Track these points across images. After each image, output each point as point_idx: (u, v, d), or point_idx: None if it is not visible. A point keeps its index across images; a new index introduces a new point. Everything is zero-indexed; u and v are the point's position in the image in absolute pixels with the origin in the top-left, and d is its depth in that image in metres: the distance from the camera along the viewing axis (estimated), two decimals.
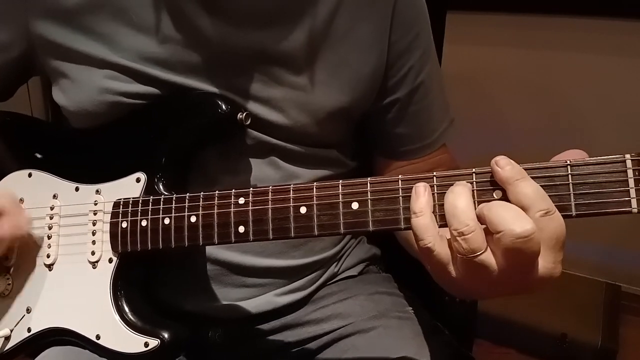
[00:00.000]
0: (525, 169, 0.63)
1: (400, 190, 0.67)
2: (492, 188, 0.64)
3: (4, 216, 0.83)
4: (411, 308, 1.01)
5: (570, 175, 0.62)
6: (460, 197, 0.61)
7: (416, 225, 0.63)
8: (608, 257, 2.17)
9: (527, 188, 0.60)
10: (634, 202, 0.60)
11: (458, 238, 0.60)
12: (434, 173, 0.66)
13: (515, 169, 0.61)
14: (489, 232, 0.60)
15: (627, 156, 0.60)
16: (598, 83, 2.04)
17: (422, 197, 0.63)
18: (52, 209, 0.90)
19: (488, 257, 0.59)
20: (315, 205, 0.71)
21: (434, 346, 0.91)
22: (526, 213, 0.59)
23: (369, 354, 0.90)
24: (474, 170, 0.65)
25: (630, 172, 0.60)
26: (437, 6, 1.02)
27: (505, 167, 0.61)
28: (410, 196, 0.66)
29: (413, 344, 0.91)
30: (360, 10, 0.90)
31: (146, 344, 0.81)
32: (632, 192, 0.60)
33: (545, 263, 0.60)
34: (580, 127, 2.08)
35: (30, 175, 0.93)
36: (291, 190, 0.72)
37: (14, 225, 0.84)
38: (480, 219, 0.60)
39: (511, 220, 0.57)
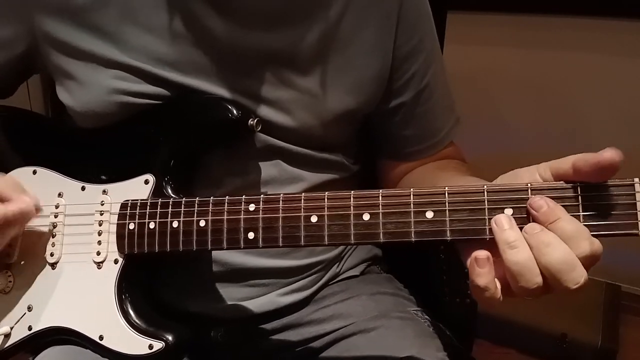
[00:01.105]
0: (536, 189, 0.65)
1: (412, 203, 0.68)
2: (503, 206, 0.66)
3: (7, 201, 0.81)
4: (412, 308, 1.01)
5: (580, 196, 0.64)
6: (520, 252, 0.63)
7: (483, 297, 0.65)
8: (608, 257, 2.15)
9: (566, 227, 0.62)
10: None
11: (524, 291, 0.63)
12: (446, 188, 0.68)
13: (550, 211, 0.63)
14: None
15: (636, 180, 0.62)
16: (598, 83, 2.04)
17: (485, 269, 0.64)
18: (57, 207, 0.90)
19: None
20: (326, 215, 0.72)
21: (435, 346, 0.91)
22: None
23: (370, 354, 0.90)
24: (485, 187, 0.67)
25: (638, 196, 0.62)
26: (437, 6, 1.03)
27: (540, 209, 0.63)
28: (422, 210, 0.68)
29: (414, 344, 0.90)
30: (366, 13, 0.91)
31: (150, 346, 0.81)
32: (639, 216, 0.62)
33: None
34: (580, 126, 2.08)
35: (34, 172, 0.93)
36: (302, 200, 0.73)
37: (21, 209, 0.81)
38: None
39: (565, 275, 0.61)
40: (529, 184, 0.66)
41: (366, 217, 0.70)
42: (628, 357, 2.02)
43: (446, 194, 0.67)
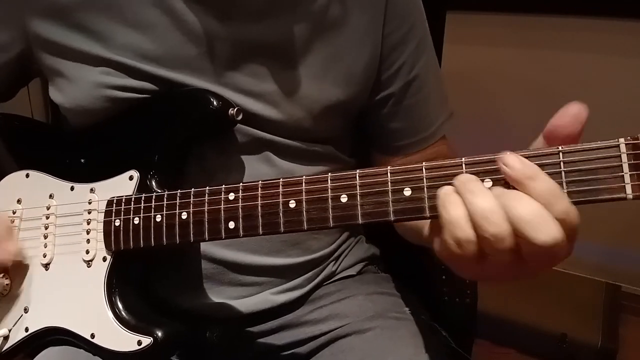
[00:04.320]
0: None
1: (389, 182, 0.66)
2: (482, 178, 0.62)
3: None
4: (409, 308, 1.00)
5: (562, 163, 0.60)
6: (482, 197, 0.58)
7: (455, 236, 0.59)
8: (608, 257, 2.15)
9: (542, 185, 0.57)
10: (628, 188, 0.58)
11: (492, 240, 0.57)
12: (423, 164, 0.65)
13: (527, 168, 0.58)
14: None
15: (621, 140, 0.58)
16: (598, 83, 2.03)
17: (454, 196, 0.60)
18: (48, 208, 0.90)
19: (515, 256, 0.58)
20: (304, 200, 0.71)
21: (431, 347, 0.90)
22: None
23: (366, 355, 0.89)
24: (463, 159, 0.64)
25: (624, 157, 0.58)
26: (437, 6, 1.02)
27: (514, 166, 0.59)
28: (399, 188, 0.65)
29: (410, 345, 0.90)
30: (354, 3, 0.90)
31: (139, 342, 0.81)
32: (627, 178, 0.58)
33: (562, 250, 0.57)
34: None
35: (27, 175, 0.94)
36: (280, 185, 0.72)
37: (3, 252, 0.87)
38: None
39: (538, 227, 0.55)
40: (507, 152, 0.61)
41: (344, 198, 0.68)
42: (628, 357, 2.00)
43: (423, 170, 0.65)
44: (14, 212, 0.93)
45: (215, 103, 0.84)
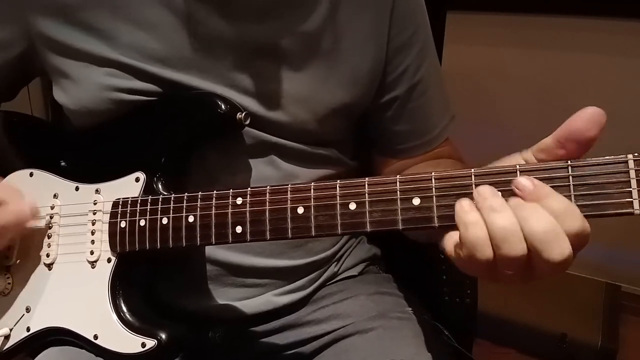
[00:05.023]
0: (525, 170, 0.62)
1: (398, 190, 0.67)
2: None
3: (4, 205, 0.82)
4: (411, 308, 1.00)
5: (570, 176, 0.61)
6: (503, 215, 0.59)
7: (474, 241, 0.60)
8: (608, 257, 2.15)
9: (555, 204, 0.59)
10: (635, 204, 0.59)
11: (508, 258, 0.59)
12: (432, 173, 0.66)
13: (536, 189, 0.60)
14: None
15: (629, 156, 0.59)
16: (598, 83, 2.03)
17: (470, 207, 0.62)
18: (52, 208, 0.90)
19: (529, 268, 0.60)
20: (312, 206, 0.71)
21: (434, 346, 0.90)
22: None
23: (369, 355, 0.89)
24: (472, 171, 0.64)
25: (632, 173, 0.59)
26: (437, 6, 1.02)
27: (525, 189, 0.60)
28: (408, 197, 0.66)
29: (412, 345, 0.90)
30: (360, 5, 0.90)
31: (143, 345, 0.81)
32: (634, 193, 0.59)
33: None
34: None
35: (31, 174, 0.93)
36: (289, 191, 0.72)
37: (17, 213, 0.84)
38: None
39: (550, 244, 0.57)
40: (517, 165, 0.63)
41: (352, 206, 0.68)
42: (628, 357, 2.00)
43: (432, 180, 0.65)
44: None
45: (223, 107, 0.84)
